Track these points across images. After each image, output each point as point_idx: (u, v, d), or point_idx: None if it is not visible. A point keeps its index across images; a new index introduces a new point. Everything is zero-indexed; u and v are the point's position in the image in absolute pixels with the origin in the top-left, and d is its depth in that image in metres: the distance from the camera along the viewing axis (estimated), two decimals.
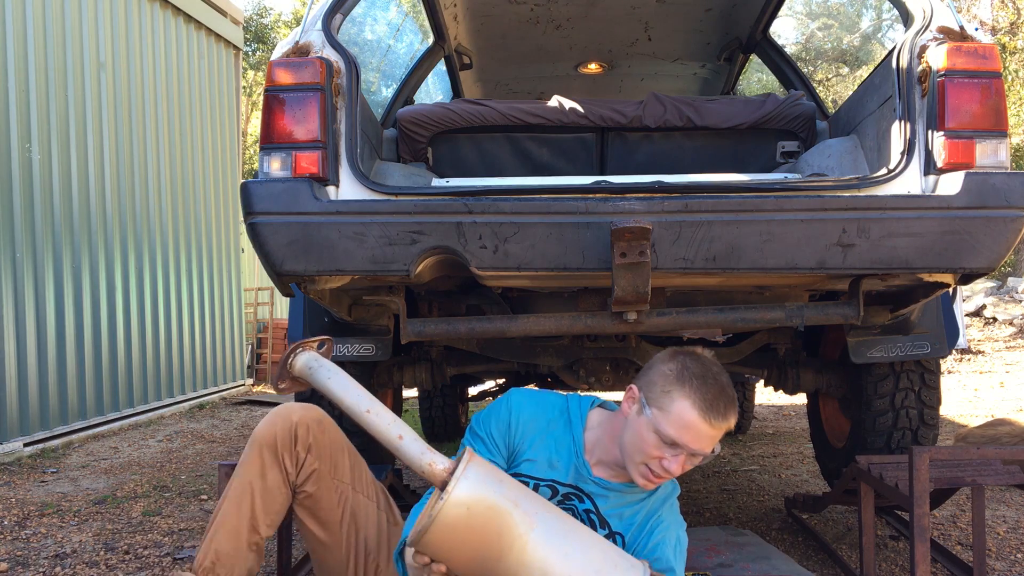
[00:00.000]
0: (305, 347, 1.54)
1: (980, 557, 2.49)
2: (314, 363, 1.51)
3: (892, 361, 2.90)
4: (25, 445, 5.38)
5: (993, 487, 3.85)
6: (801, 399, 6.09)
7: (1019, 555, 3.04)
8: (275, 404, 8.04)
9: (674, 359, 1.61)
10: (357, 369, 3.09)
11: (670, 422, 1.53)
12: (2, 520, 3.73)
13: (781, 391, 3.35)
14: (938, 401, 3.03)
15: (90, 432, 6.08)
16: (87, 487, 4.43)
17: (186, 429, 6.50)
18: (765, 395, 7.44)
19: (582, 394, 1.81)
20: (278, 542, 2.64)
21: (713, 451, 1.58)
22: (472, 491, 1.31)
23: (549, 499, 1.66)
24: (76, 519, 3.75)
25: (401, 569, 1.61)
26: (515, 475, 1.65)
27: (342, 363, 3.06)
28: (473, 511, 1.30)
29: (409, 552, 1.49)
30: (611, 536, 1.69)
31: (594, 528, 1.67)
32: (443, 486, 1.32)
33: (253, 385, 10.06)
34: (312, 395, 3.12)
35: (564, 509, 1.64)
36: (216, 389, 8.39)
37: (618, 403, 1.74)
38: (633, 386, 1.63)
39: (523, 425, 1.69)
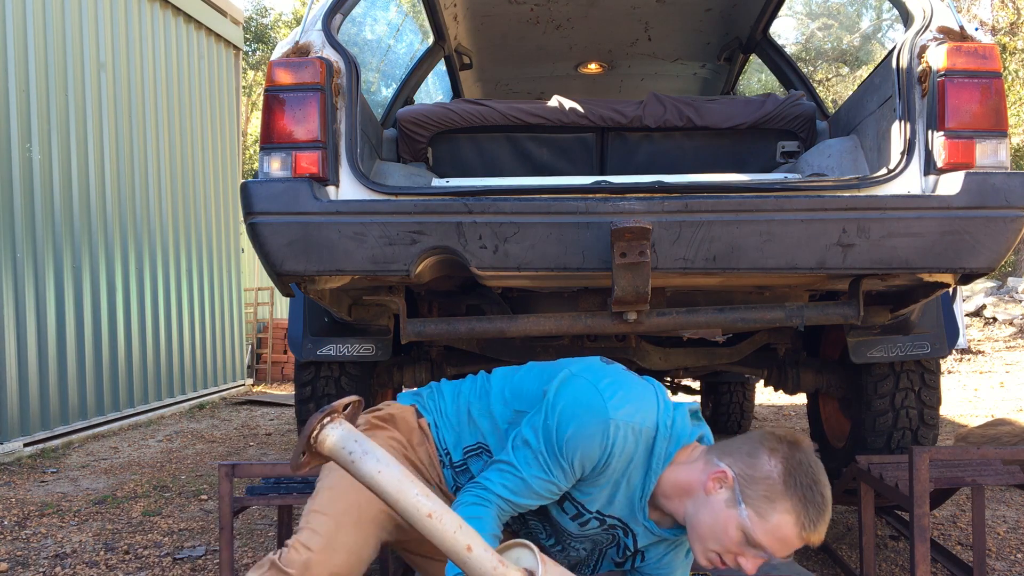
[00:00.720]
0: (334, 416, 1.23)
1: (980, 557, 2.49)
2: (354, 446, 1.21)
3: (892, 361, 2.90)
4: (25, 445, 5.37)
5: (993, 487, 3.84)
6: (801, 399, 6.09)
7: (1019, 555, 3.04)
8: (276, 404, 8.05)
9: (779, 454, 1.42)
10: (357, 369, 3.09)
11: (766, 531, 1.40)
12: (2, 520, 3.73)
13: (781, 391, 3.35)
14: (938, 401, 3.03)
15: (90, 432, 6.08)
16: (87, 487, 4.43)
17: (186, 429, 6.50)
18: (765, 395, 7.43)
19: (686, 410, 1.59)
20: (278, 542, 2.65)
21: (789, 555, 1.47)
22: None
23: (593, 529, 1.60)
24: (76, 519, 3.75)
25: None
26: (567, 495, 1.56)
27: (342, 363, 3.08)
28: None
29: None
30: (635, 554, 1.65)
31: (625, 556, 1.65)
32: None
33: (253, 385, 10.06)
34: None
35: (605, 534, 1.61)
36: (216, 389, 8.39)
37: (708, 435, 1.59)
38: (727, 471, 1.44)
39: (611, 465, 1.50)
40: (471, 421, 1.68)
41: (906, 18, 2.46)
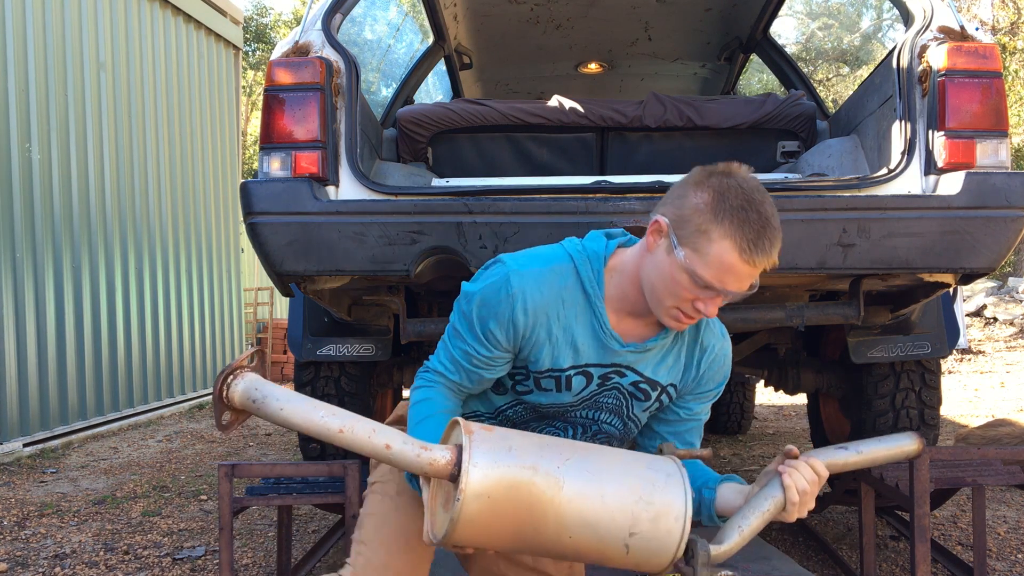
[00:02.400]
0: (238, 372, 1.27)
1: (980, 557, 2.49)
2: (256, 393, 1.24)
3: (892, 361, 2.90)
4: (25, 445, 5.37)
5: (993, 487, 3.84)
6: (801, 399, 6.09)
7: (1019, 555, 3.03)
8: None
9: (707, 186, 1.36)
10: (357, 369, 3.09)
11: (707, 265, 1.32)
12: (2, 520, 3.73)
13: (781, 391, 3.35)
14: (938, 401, 3.03)
15: (90, 432, 6.08)
16: (87, 487, 4.43)
17: (186, 429, 6.50)
18: (765, 395, 7.43)
19: (598, 233, 1.54)
20: (278, 542, 2.64)
21: (751, 287, 1.39)
22: (487, 478, 1.18)
23: (584, 387, 1.51)
24: (76, 519, 3.75)
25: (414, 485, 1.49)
26: (536, 374, 1.50)
27: (342, 363, 3.07)
28: (494, 498, 1.18)
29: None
30: (663, 391, 1.54)
31: (647, 396, 1.54)
32: (453, 479, 1.20)
33: None
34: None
35: (607, 392, 1.53)
36: None
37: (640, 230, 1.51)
38: (660, 219, 1.39)
39: (531, 316, 1.44)
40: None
41: (906, 18, 2.46)
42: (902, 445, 1.38)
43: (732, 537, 1.30)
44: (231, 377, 1.25)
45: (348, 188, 2.32)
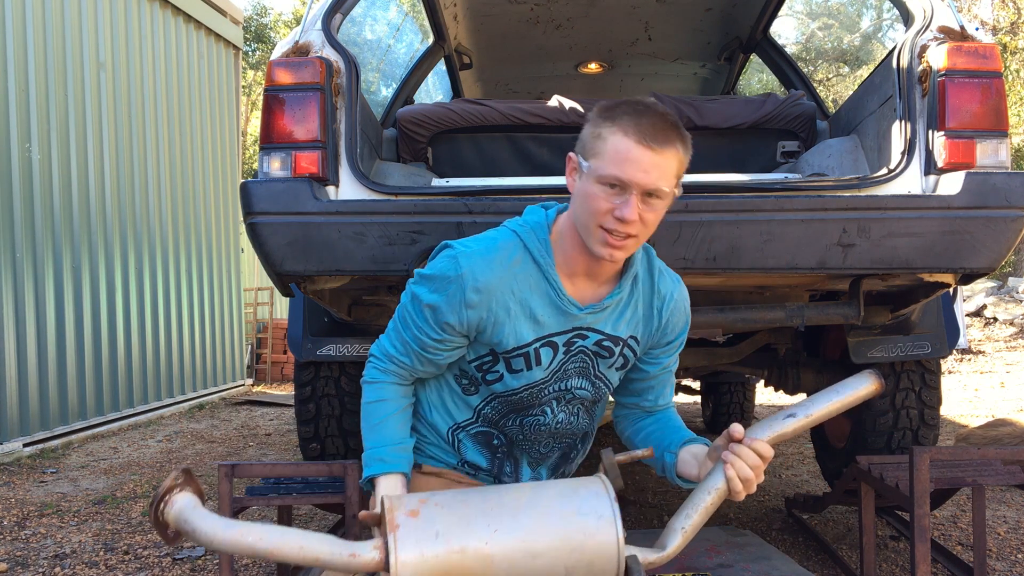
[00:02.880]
0: (168, 497, 1.24)
1: (980, 557, 2.48)
2: (185, 524, 1.22)
3: (892, 361, 2.90)
4: (25, 445, 5.37)
5: (994, 487, 3.84)
6: (800, 399, 6.09)
7: (1019, 555, 3.03)
8: (275, 405, 8.05)
9: (596, 108, 1.42)
10: (357, 369, 3.09)
11: (607, 160, 1.35)
12: (2, 520, 3.73)
13: (781, 391, 3.35)
14: (938, 401, 3.03)
15: (90, 432, 6.08)
16: (87, 487, 4.43)
17: (186, 429, 6.50)
18: (765, 395, 7.43)
19: (536, 206, 1.58)
20: None
21: (675, 191, 1.41)
22: (417, 564, 1.21)
23: (552, 358, 1.53)
24: (76, 519, 3.75)
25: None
26: (505, 355, 1.51)
27: (342, 363, 3.07)
28: None
29: None
30: (625, 345, 1.56)
31: (611, 352, 1.56)
32: (385, 568, 1.23)
33: (253, 385, 10.06)
34: (312, 396, 3.12)
35: (573, 359, 1.55)
36: (216, 389, 8.39)
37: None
38: (570, 154, 1.45)
39: (484, 294, 1.46)
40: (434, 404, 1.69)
41: (906, 18, 2.46)
42: (858, 389, 1.36)
43: (675, 541, 1.33)
44: (163, 505, 1.24)
45: (348, 188, 2.32)
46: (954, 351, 9.67)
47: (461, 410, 1.63)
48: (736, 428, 1.32)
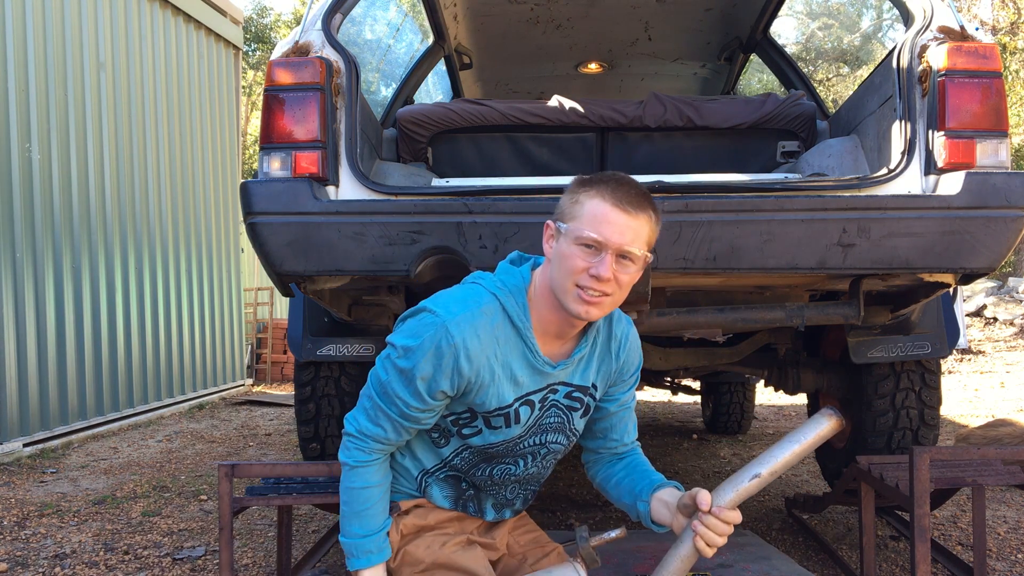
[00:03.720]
0: None
1: (980, 557, 2.49)
2: None
3: (892, 361, 2.90)
4: (25, 445, 5.37)
5: (994, 487, 3.84)
6: (801, 399, 6.09)
7: (1019, 555, 3.03)
8: (275, 405, 8.04)
9: (574, 182, 1.53)
10: (357, 369, 3.09)
11: (584, 222, 1.44)
12: (2, 520, 3.73)
13: (781, 391, 3.35)
14: (939, 401, 3.03)
15: (90, 432, 6.08)
16: (87, 487, 4.43)
17: (186, 429, 6.50)
18: (765, 395, 7.43)
19: (505, 264, 1.63)
20: (278, 542, 2.64)
21: (647, 255, 1.49)
22: None
23: (530, 415, 1.58)
24: (76, 519, 3.74)
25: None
26: (485, 415, 1.56)
27: (342, 363, 3.08)
28: None
29: None
30: (588, 393, 1.63)
31: (581, 403, 1.63)
32: None
33: (253, 385, 10.05)
34: (311, 396, 3.12)
35: (548, 413, 1.61)
36: (216, 389, 8.39)
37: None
38: (547, 221, 1.54)
39: (475, 362, 1.50)
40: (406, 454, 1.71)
41: (906, 18, 2.46)
42: (819, 430, 1.39)
43: None
44: None
45: (348, 188, 2.32)
46: (954, 351, 9.67)
47: (430, 458, 1.67)
48: (703, 500, 1.40)
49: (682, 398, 7.55)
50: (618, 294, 1.49)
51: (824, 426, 1.38)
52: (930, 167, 2.26)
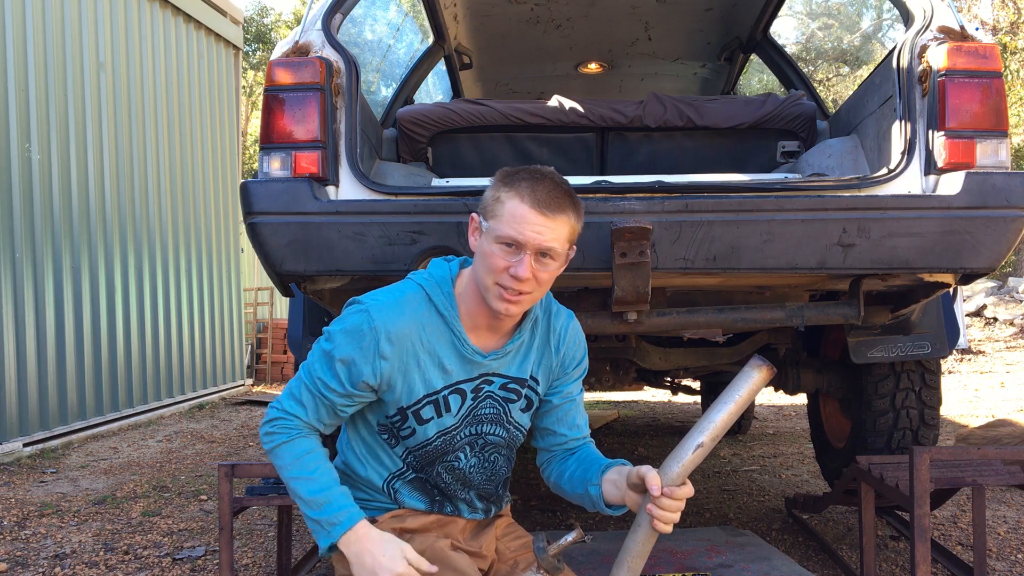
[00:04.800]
0: None
1: (980, 557, 2.49)
2: None
3: (892, 361, 2.90)
4: (25, 445, 5.37)
5: (994, 487, 3.84)
6: (801, 399, 6.08)
7: (1019, 555, 3.03)
8: None
9: (498, 175, 1.54)
10: None
11: (504, 222, 1.47)
12: (2, 520, 3.73)
13: (781, 391, 3.35)
14: (939, 401, 3.03)
15: (90, 432, 6.08)
16: (87, 487, 4.43)
17: (186, 429, 6.50)
18: (765, 395, 7.43)
19: (440, 260, 1.66)
20: (278, 542, 2.65)
21: (569, 251, 1.52)
22: None
23: (461, 404, 1.59)
24: (76, 519, 3.75)
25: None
26: (413, 407, 1.55)
27: None
28: None
29: None
30: (527, 385, 1.65)
31: (518, 395, 1.64)
32: None
33: (253, 385, 10.05)
34: None
35: (483, 403, 1.62)
36: (216, 389, 8.39)
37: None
38: (472, 214, 1.57)
39: (396, 343, 1.52)
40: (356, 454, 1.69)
41: (906, 18, 2.46)
42: (750, 383, 1.35)
43: None
44: None
45: (348, 188, 2.32)
46: (954, 351, 9.67)
47: (391, 461, 1.66)
48: (652, 484, 1.41)
49: (682, 398, 7.55)
50: (538, 291, 1.53)
51: (754, 379, 1.35)
52: (930, 167, 2.26)
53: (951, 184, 2.19)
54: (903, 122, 2.32)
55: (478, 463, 1.68)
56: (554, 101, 3.15)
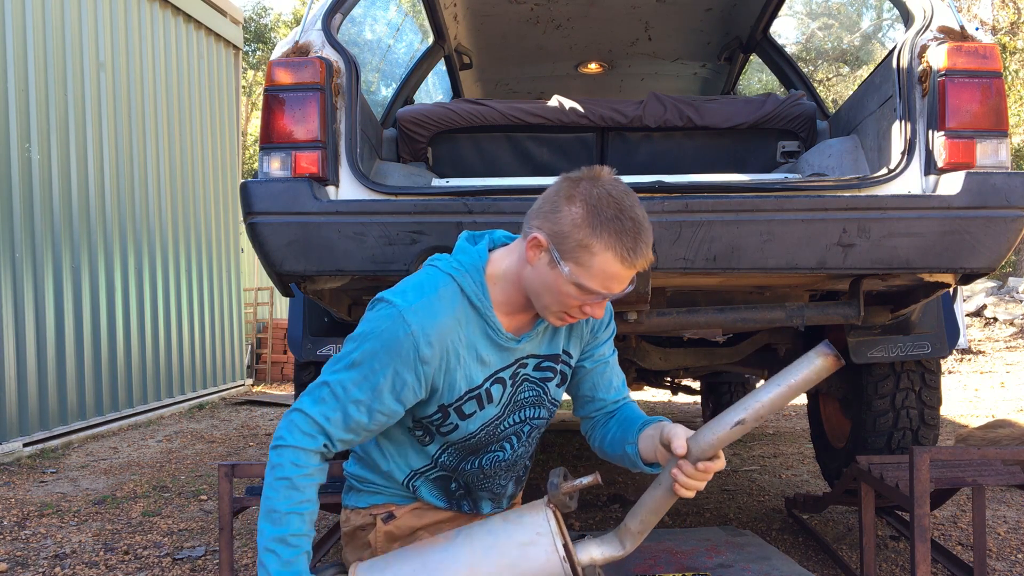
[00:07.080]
0: None
1: (980, 557, 2.49)
2: None
3: (893, 361, 2.90)
4: (25, 445, 5.37)
5: (993, 487, 3.84)
6: (801, 399, 6.08)
7: (1019, 555, 3.03)
8: (275, 405, 8.04)
9: (578, 199, 1.39)
10: None
11: (592, 276, 1.39)
12: (2, 520, 3.73)
13: None
14: (938, 401, 3.03)
15: (90, 432, 6.08)
16: (87, 487, 4.43)
17: (186, 429, 6.50)
18: None
19: (462, 241, 1.57)
20: None
21: (632, 283, 1.46)
22: None
23: (503, 393, 1.55)
24: (76, 519, 3.74)
25: None
26: (455, 404, 1.51)
27: None
28: None
29: None
30: (561, 360, 1.61)
31: (553, 371, 1.61)
32: None
33: (253, 385, 10.05)
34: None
35: (521, 388, 1.58)
36: (216, 389, 8.39)
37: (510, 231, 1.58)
38: (538, 235, 1.41)
39: (437, 346, 1.44)
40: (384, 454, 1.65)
41: (906, 18, 2.46)
42: (811, 367, 1.22)
43: (631, 540, 1.42)
44: None
45: (348, 188, 2.32)
46: (954, 351, 9.66)
47: (419, 458, 1.62)
48: (677, 446, 1.35)
49: (682, 398, 7.55)
50: None
51: (816, 364, 1.21)
52: (930, 167, 2.26)
53: (951, 184, 2.19)
54: (903, 122, 2.32)
55: (524, 451, 1.67)
56: (554, 101, 3.15)
